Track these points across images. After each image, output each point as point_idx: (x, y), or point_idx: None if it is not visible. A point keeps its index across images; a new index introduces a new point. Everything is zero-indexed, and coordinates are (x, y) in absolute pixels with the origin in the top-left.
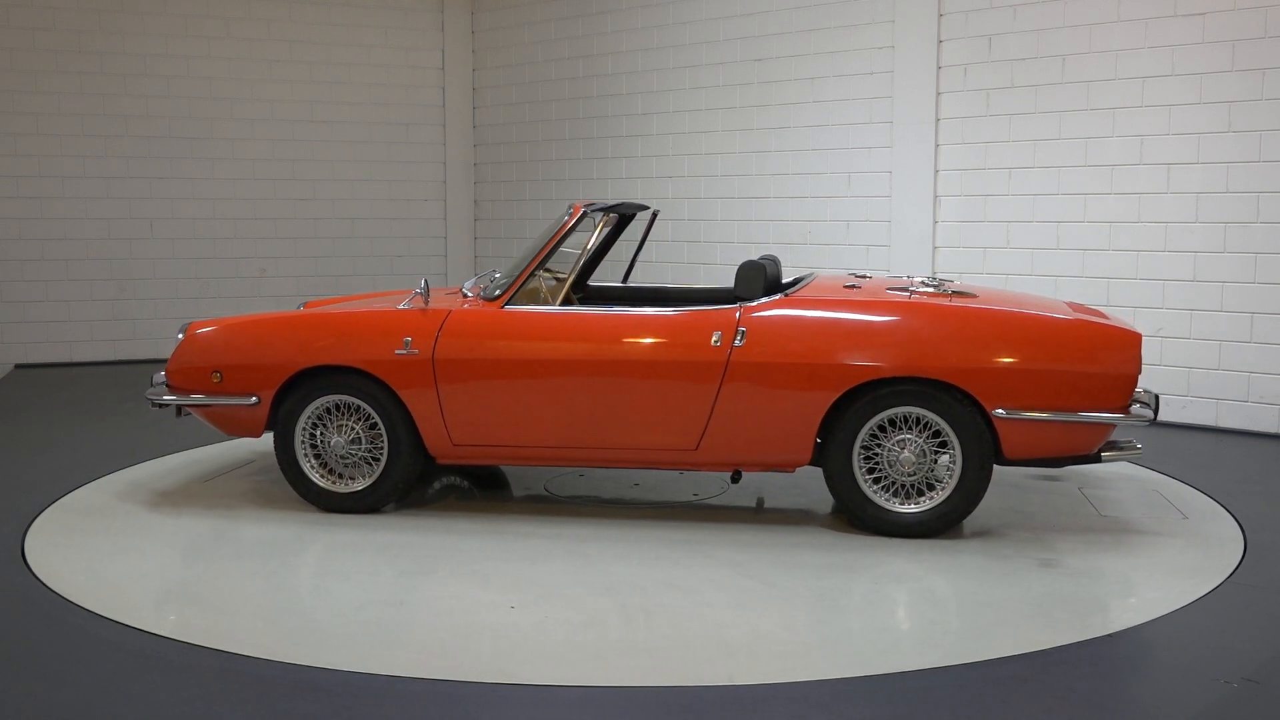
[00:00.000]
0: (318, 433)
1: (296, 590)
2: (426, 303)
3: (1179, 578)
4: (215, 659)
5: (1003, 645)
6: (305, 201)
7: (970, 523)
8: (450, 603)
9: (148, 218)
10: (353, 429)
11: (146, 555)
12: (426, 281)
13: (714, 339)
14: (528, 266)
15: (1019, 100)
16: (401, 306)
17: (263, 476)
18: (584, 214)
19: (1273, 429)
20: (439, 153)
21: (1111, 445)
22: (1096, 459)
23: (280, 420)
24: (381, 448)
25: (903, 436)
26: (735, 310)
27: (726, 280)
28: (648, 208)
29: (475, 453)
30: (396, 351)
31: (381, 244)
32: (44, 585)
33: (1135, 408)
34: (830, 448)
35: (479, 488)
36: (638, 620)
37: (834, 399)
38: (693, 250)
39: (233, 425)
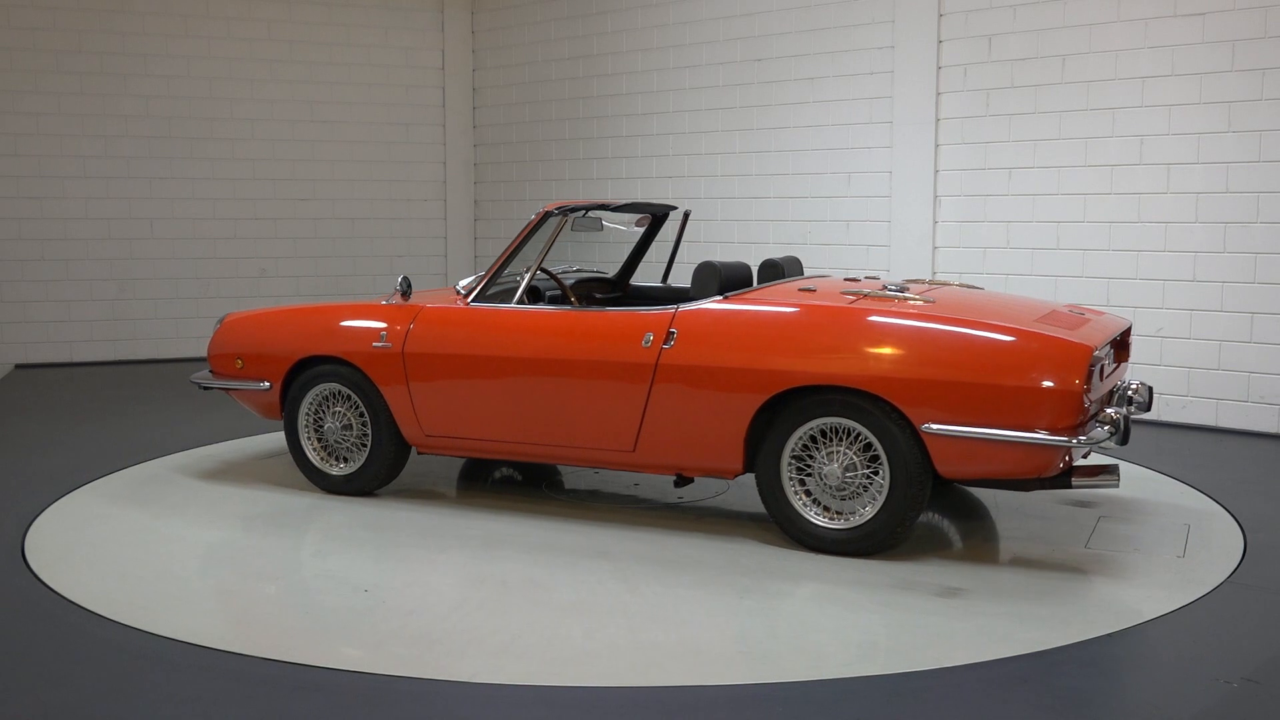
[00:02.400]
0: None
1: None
2: (405, 299)
3: (1035, 630)
4: (216, 659)
5: (809, 672)
6: (305, 201)
7: (907, 547)
8: (316, 581)
9: (148, 218)
10: (345, 415)
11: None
12: (405, 278)
13: (645, 340)
14: (493, 265)
15: (1019, 100)
16: (384, 302)
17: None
18: (548, 215)
19: (1273, 429)
20: (439, 153)
21: (1092, 471)
22: (1066, 484)
23: (287, 405)
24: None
25: (834, 449)
26: (671, 311)
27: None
28: (674, 207)
29: (446, 444)
30: (374, 344)
31: (381, 244)
32: (44, 585)
33: (1099, 430)
34: (760, 456)
35: (529, 481)
36: (459, 613)
37: (759, 405)
38: (693, 251)
39: (258, 408)
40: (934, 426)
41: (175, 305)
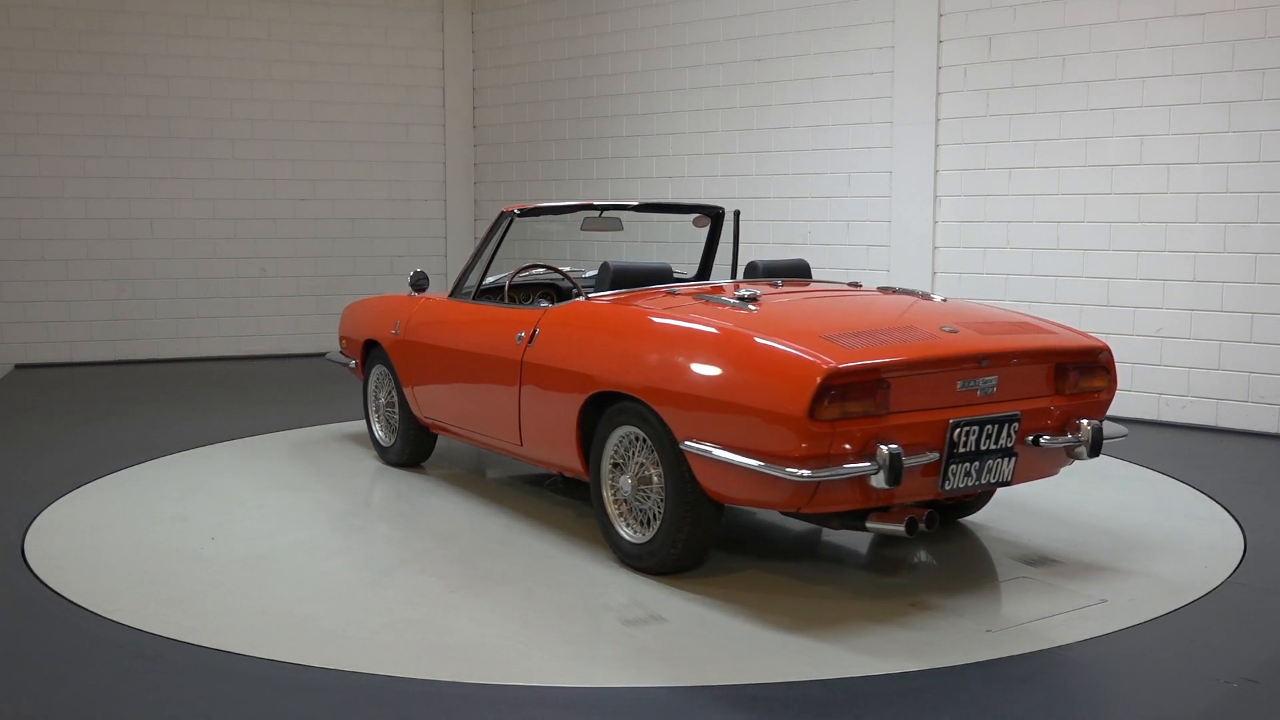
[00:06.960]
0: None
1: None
2: (417, 291)
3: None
4: (215, 659)
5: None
6: (305, 201)
7: (741, 572)
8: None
9: (148, 218)
10: (391, 394)
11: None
12: (418, 272)
13: (519, 337)
14: (467, 262)
15: (1019, 100)
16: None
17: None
18: (500, 216)
19: (1273, 429)
20: (439, 153)
21: (891, 516)
22: (859, 525)
23: (364, 380)
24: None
25: (637, 459)
26: (543, 309)
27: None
28: (721, 208)
29: (436, 427)
30: (391, 331)
31: (381, 244)
32: (44, 585)
33: (864, 465)
34: (590, 461)
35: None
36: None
37: (579, 407)
38: (694, 250)
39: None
40: (690, 443)
41: (175, 305)
